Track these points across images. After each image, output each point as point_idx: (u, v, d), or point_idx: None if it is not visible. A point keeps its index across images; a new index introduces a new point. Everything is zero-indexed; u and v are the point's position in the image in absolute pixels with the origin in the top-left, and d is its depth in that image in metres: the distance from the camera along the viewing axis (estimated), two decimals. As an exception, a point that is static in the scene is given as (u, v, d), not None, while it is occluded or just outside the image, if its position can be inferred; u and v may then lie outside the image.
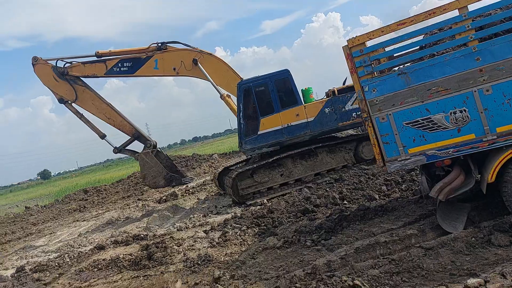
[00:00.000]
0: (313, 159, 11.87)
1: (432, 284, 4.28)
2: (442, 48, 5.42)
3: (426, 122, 5.39)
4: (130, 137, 13.74)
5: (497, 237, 4.99)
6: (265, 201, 11.01)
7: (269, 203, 10.49)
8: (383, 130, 5.60)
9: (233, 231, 8.30)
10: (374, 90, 5.58)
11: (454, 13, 5.27)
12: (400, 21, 5.48)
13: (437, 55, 5.41)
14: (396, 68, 5.83)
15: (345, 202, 8.71)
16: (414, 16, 5.46)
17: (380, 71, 5.73)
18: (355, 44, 5.65)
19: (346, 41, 5.70)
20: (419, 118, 5.41)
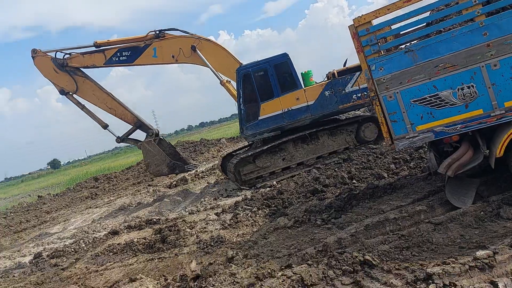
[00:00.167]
0: (315, 143, 11.88)
1: (442, 257, 4.35)
2: (449, 24, 5.39)
3: (434, 99, 5.40)
4: (132, 126, 13.82)
5: (506, 210, 5.06)
6: (275, 183, 11.12)
7: (279, 185, 10.60)
8: (391, 109, 5.62)
9: (244, 213, 8.43)
10: (381, 69, 5.58)
11: (461, -12, 5.23)
12: (406, -2, 5.44)
13: (444, 31, 5.39)
14: (403, 46, 5.82)
15: (354, 181, 8.79)
16: (421, -7, 5.43)
17: (387, 50, 5.72)
18: (361, 23, 5.63)
19: (352, 20, 5.68)
20: (427, 95, 5.41)
